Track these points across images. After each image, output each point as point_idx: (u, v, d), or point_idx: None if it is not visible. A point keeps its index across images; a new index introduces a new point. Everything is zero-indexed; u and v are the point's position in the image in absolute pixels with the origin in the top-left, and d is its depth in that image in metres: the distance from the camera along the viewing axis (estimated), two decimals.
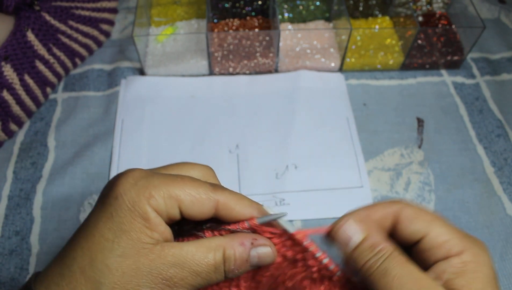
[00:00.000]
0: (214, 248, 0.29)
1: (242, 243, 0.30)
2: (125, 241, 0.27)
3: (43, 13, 0.60)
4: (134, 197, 0.28)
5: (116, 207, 0.28)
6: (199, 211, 0.30)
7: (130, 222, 0.28)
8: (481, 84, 0.66)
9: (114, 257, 0.27)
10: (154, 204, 0.28)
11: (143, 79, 0.64)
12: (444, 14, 0.72)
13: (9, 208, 0.53)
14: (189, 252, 0.28)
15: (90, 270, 0.27)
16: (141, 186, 0.28)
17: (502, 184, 0.55)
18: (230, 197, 0.31)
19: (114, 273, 0.27)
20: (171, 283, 0.27)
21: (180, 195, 0.29)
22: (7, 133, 0.58)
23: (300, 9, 0.71)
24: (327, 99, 0.63)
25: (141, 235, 0.28)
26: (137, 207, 0.28)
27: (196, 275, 0.28)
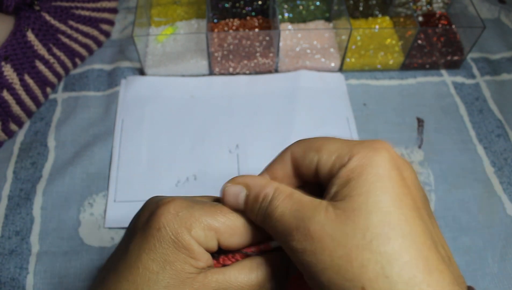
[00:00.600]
0: (255, 268, 0.29)
1: None
2: (169, 272, 0.27)
3: (43, 13, 0.60)
4: (176, 229, 0.28)
5: (160, 238, 0.28)
6: (237, 241, 0.30)
7: (174, 253, 0.28)
8: (481, 84, 0.66)
9: (160, 288, 0.27)
10: (195, 236, 0.28)
11: (143, 79, 0.64)
12: (444, 14, 0.72)
13: (9, 208, 0.53)
14: (232, 276, 0.28)
15: None
16: (182, 217, 0.28)
17: (502, 184, 0.55)
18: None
19: None
20: None
21: (220, 228, 0.29)
22: (7, 133, 0.58)
23: (300, 9, 0.71)
24: (327, 99, 0.63)
25: (186, 266, 0.28)
26: (180, 239, 0.28)
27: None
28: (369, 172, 0.25)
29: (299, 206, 0.26)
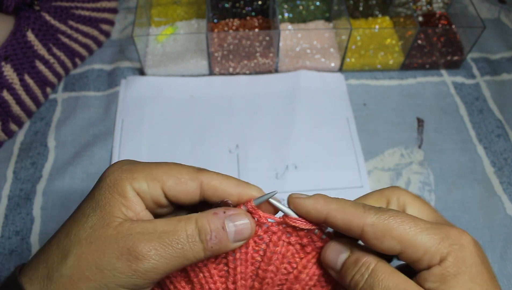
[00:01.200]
0: (185, 219, 0.29)
1: (215, 213, 0.29)
2: (98, 214, 0.29)
3: (43, 13, 0.60)
4: (116, 177, 0.29)
5: (99, 187, 0.30)
6: (182, 191, 0.30)
7: (107, 197, 0.29)
8: (481, 84, 0.66)
9: (86, 229, 0.28)
10: (136, 186, 0.29)
11: (143, 79, 0.64)
12: (444, 14, 0.72)
13: (9, 208, 0.53)
14: (158, 224, 0.28)
15: (64, 241, 0.28)
16: (125, 169, 0.30)
17: (502, 184, 0.55)
18: (215, 177, 0.31)
19: (83, 243, 0.28)
20: (138, 254, 0.27)
21: (162, 177, 0.30)
22: (7, 133, 0.58)
23: (300, 9, 0.71)
24: (327, 99, 0.63)
25: (115, 210, 0.29)
26: (117, 185, 0.29)
27: (166, 245, 0.27)
28: (465, 273, 0.27)
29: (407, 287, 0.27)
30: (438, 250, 0.27)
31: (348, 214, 0.29)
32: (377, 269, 0.28)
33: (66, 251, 0.28)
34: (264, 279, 0.32)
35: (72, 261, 0.27)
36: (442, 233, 0.28)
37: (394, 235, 0.27)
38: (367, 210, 0.29)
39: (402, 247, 0.28)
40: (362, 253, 0.29)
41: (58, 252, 0.28)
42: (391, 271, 0.28)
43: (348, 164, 0.57)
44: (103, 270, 0.27)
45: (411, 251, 0.27)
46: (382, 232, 0.28)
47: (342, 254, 0.30)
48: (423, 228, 0.28)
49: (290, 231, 0.31)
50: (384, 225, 0.28)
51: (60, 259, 0.28)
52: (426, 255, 0.27)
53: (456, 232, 0.28)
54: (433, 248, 0.27)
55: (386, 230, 0.28)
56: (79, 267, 0.27)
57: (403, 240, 0.27)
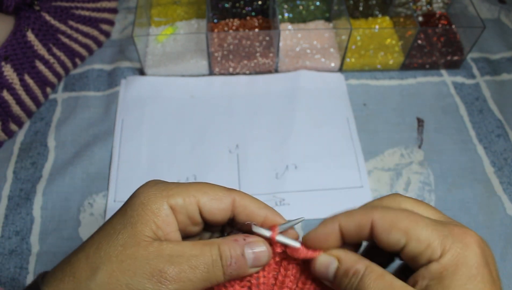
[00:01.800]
0: (209, 243, 0.30)
1: (235, 239, 0.31)
2: (129, 232, 0.29)
3: (43, 13, 0.60)
4: (150, 195, 0.30)
5: (131, 204, 0.30)
6: (217, 207, 0.31)
7: (139, 215, 0.29)
8: (481, 84, 0.66)
9: (116, 246, 0.28)
10: (172, 202, 0.30)
11: (143, 79, 0.64)
12: (444, 14, 0.72)
13: (9, 208, 0.53)
14: (186, 247, 0.29)
15: (93, 256, 0.28)
16: (159, 187, 0.31)
17: (502, 184, 0.55)
18: (245, 196, 0.32)
19: (113, 260, 0.28)
20: (168, 276, 0.28)
21: (198, 193, 0.31)
22: (7, 133, 0.58)
23: (300, 9, 0.71)
24: (327, 99, 0.63)
25: (145, 228, 0.29)
26: (151, 203, 0.29)
27: (193, 268, 0.28)
28: (463, 272, 0.27)
29: None
30: (440, 245, 0.27)
31: (357, 217, 0.30)
32: (365, 275, 0.28)
33: (96, 266, 0.28)
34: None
35: (101, 278, 0.27)
36: (447, 230, 0.28)
37: (400, 227, 0.28)
38: (375, 207, 0.30)
39: (407, 239, 0.28)
40: (351, 261, 0.30)
41: (87, 267, 0.28)
42: (379, 275, 0.28)
43: (348, 164, 0.57)
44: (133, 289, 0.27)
45: (414, 244, 0.28)
46: (390, 224, 0.29)
47: (331, 265, 0.30)
48: (428, 223, 0.28)
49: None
50: (392, 217, 0.29)
51: (89, 274, 0.28)
52: (428, 249, 0.28)
53: (461, 230, 0.28)
54: (436, 242, 0.27)
55: (394, 221, 0.29)
56: (109, 284, 0.27)
57: (408, 232, 0.28)
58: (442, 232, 0.28)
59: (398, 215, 0.29)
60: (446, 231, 0.28)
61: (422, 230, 0.28)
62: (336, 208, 0.54)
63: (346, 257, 0.30)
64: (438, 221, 0.29)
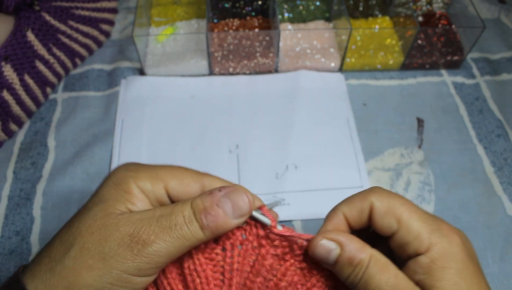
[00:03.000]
0: (181, 202, 0.30)
1: (210, 192, 0.30)
2: (100, 206, 0.29)
3: (43, 13, 0.60)
4: (121, 176, 0.31)
5: (104, 185, 0.31)
6: (184, 192, 0.31)
7: (111, 193, 0.30)
8: (481, 84, 0.66)
9: (86, 220, 0.29)
10: (141, 184, 0.30)
11: (143, 79, 0.64)
12: (444, 14, 0.72)
13: (9, 208, 0.53)
14: (156, 210, 0.29)
15: (66, 235, 0.29)
16: (130, 169, 0.31)
17: (502, 184, 0.55)
18: (217, 181, 0.32)
19: (84, 234, 0.28)
20: (139, 239, 0.27)
21: (166, 177, 0.31)
22: (7, 133, 0.58)
23: (300, 9, 0.71)
24: (327, 99, 0.63)
25: (118, 203, 0.29)
26: (122, 183, 0.30)
27: (165, 228, 0.28)
28: (452, 266, 0.28)
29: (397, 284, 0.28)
30: (427, 239, 0.29)
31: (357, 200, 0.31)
32: (370, 266, 0.29)
33: (69, 243, 0.28)
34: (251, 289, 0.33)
35: (75, 252, 0.28)
36: (436, 225, 0.30)
37: (395, 213, 0.30)
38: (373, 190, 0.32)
39: (398, 226, 0.30)
40: (355, 249, 0.30)
41: (61, 245, 0.28)
42: (383, 265, 0.29)
43: (348, 164, 0.57)
44: (106, 257, 0.27)
45: (404, 232, 0.29)
46: (386, 209, 0.30)
47: (333, 251, 0.30)
48: (421, 214, 0.30)
49: (277, 244, 0.32)
50: (388, 203, 0.30)
51: (63, 252, 0.28)
52: (416, 241, 0.29)
53: (448, 228, 0.30)
54: (425, 235, 0.29)
55: (390, 207, 0.30)
56: (82, 257, 0.27)
57: (401, 220, 0.30)
58: (431, 226, 0.29)
59: (394, 200, 0.30)
60: (435, 226, 0.29)
61: (414, 220, 0.29)
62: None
63: (350, 244, 0.30)
64: (429, 215, 0.30)
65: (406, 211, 0.30)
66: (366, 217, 0.31)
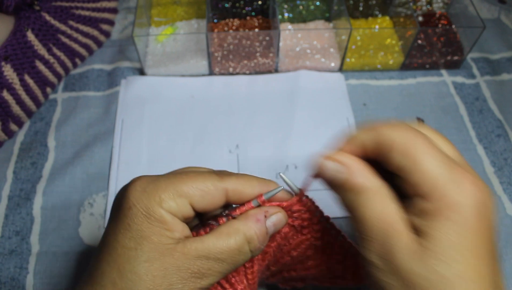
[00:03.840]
0: (233, 233, 0.30)
1: (257, 219, 0.31)
2: (147, 246, 0.28)
3: (43, 13, 0.60)
4: (146, 204, 0.29)
5: (132, 217, 0.29)
6: (210, 202, 0.31)
7: (148, 227, 0.28)
8: (481, 84, 0.66)
9: (141, 264, 0.27)
10: (166, 207, 0.29)
11: (143, 79, 0.64)
12: (444, 14, 0.72)
13: (9, 208, 0.53)
14: (210, 243, 0.29)
15: (121, 281, 0.27)
16: (150, 192, 0.29)
17: (502, 184, 0.55)
18: (238, 182, 0.32)
19: (145, 278, 0.27)
20: (199, 274, 0.28)
21: (189, 192, 0.30)
22: (7, 133, 0.58)
23: (300, 9, 0.71)
24: (327, 99, 0.63)
25: (162, 238, 0.28)
26: (151, 213, 0.29)
27: (221, 262, 0.29)
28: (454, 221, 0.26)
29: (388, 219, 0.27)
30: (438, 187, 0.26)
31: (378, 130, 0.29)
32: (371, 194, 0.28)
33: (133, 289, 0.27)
34: (267, 253, 0.35)
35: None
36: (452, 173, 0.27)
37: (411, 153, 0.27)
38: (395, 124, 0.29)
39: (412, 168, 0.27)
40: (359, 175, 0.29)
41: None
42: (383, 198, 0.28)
43: None
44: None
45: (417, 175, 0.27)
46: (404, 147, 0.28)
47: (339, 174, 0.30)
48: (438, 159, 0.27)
49: (296, 215, 0.34)
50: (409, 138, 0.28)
51: None
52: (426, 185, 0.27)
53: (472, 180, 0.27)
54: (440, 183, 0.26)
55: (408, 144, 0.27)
56: None
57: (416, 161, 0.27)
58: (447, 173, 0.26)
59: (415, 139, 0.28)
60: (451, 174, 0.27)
61: (429, 164, 0.27)
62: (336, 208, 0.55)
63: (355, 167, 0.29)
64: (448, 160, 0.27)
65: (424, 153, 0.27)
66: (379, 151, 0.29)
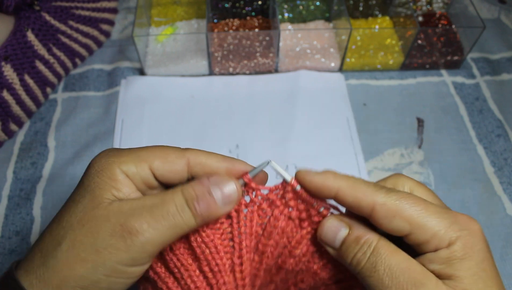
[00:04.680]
0: (171, 191, 0.29)
1: (200, 182, 0.30)
2: (87, 197, 0.29)
3: (43, 13, 0.60)
4: (103, 163, 0.30)
5: (87, 174, 0.30)
6: (170, 169, 0.31)
7: (96, 182, 0.29)
8: (481, 84, 0.66)
9: (76, 213, 0.28)
10: (124, 168, 0.30)
11: (143, 79, 0.64)
12: (444, 14, 0.72)
13: (9, 208, 0.53)
14: (146, 199, 0.29)
15: (56, 229, 0.28)
16: (112, 155, 0.31)
17: (502, 184, 0.55)
18: (200, 154, 0.32)
19: (75, 226, 0.28)
20: (131, 229, 0.27)
21: (149, 157, 0.31)
22: (7, 133, 0.58)
23: (300, 9, 0.71)
24: (327, 99, 0.63)
25: (104, 192, 0.29)
26: (105, 170, 0.30)
27: (157, 218, 0.28)
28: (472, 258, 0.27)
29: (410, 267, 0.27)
30: (447, 234, 0.27)
31: (359, 192, 0.29)
32: (379, 247, 0.28)
33: (60, 237, 0.28)
34: (264, 253, 0.32)
35: (66, 246, 0.28)
36: (451, 218, 0.28)
37: (404, 216, 0.28)
38: (378, 189, 0.28)
39: (411, 228, 0.28)
40: (362, 230, 0.29)
41: (52, 239, 0.28)
42: (393, 249, 0.28)
43: (348, 164, 0.56)
44: (99, 249, 0.27)
45: (419, 232, 0.27)
46: (393, 212, 0.28)
47: (341, 231, 0.30)
48: (433, 211, 0.28)
49: (292, 205, 0.32)
50: (395, 205, 0.28)
51: (55, 246, 0.28)
52: (435, 238, 0.27)
53: (465, 218, 0.28)
54: (442, 231, 0.27)
55: (396, 210, 0.28)
56: (74, 250, 0.27)
57: (413, 222, 0.27)
58: (448, 219, 0.28)
59: (401, 203, 0.28)
60: (452, 219, 0.28)
61: (427, 219, 0.27)
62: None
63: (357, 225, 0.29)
64: (442, 209, 0.29)
65: (417, 211, 0.28)
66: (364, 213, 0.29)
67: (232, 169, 0.32)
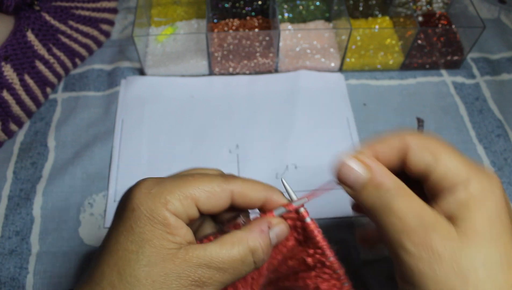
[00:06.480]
0: (237, 243, 0.29)
1: (261, 230, 0.30)
2: (149, 250, 0.28)
3: (43, 13, 0.60)
4: (150, 206, 0.28)
5: (135, 219, 0.28)
6: (215, 204, 0.31)
7: (151, 230, 0.28)
8: (481, 84, 0.66)
9: (141, 267, 0.27)
10: (171, 208, 0.29)
11: (143, 79, 0.64)
12: (444, 14, 0.72)
13: (9, 208, 0.53)
14: (213, 251, 0.29)
15: (120, 284, 0.27)
16: (155, 194, 0.29)
17: (502, 184, 0.55)
18: (243, 185, 0.32)
19: (144, 283, 0.27)
20: (200, 282, 0.28)
21: (195, 193, 0.30)
22: (7, 133, 0.58)
23: (300, 9, 0.71)
24: (327, 99, 0.63)
25: (164, 242, 0.28)
26: (155, 215, 0.28)
27: (223, 272, 0.28)
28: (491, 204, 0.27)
29: (422, 212, 0.28)
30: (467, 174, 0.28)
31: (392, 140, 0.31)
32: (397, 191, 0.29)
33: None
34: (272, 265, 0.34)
35: None
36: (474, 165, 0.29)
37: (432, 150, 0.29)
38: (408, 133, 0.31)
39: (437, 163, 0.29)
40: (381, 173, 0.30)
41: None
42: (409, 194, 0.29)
43: None
44: None
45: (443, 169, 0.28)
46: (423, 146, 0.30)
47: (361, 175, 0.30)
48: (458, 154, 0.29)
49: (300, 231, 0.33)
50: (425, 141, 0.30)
51: None
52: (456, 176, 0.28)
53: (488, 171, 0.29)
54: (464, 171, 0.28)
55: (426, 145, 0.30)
56: None
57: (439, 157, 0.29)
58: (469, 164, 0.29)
59: (431, 141, 0.30)
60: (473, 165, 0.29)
61: (452, 158, 0.29)
62: (337, 208, 0.55)
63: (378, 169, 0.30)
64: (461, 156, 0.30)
65: (444, 149, 0.29)
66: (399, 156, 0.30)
67: (270, 200, 0.33)
